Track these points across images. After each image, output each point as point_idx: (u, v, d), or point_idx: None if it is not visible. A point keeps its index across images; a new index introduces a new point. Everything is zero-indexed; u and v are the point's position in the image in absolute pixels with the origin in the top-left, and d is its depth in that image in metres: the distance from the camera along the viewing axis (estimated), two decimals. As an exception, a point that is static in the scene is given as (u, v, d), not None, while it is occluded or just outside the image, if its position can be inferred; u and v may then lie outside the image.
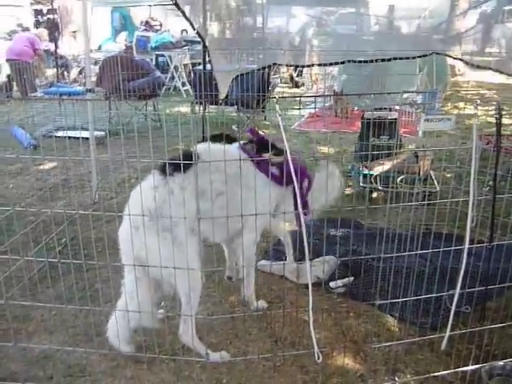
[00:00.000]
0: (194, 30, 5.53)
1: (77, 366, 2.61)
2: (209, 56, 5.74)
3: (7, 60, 10.16)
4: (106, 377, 2.53)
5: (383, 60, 5.03)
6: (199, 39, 5.88)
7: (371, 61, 5.15)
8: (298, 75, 11.75)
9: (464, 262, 2.21)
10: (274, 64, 5.76)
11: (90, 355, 2.62)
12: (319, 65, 6.49)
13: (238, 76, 5.74)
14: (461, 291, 2.25)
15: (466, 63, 4.75)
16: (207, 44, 5.70)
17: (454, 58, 5.08)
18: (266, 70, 6.94)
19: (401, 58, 5.04)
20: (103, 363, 2.61)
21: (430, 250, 2.48)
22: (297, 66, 9.05)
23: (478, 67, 4.74)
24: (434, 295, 2.65)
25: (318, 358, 2.22)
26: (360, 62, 5.19)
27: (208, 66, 5.97)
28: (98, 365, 2.61)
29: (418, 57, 5.54)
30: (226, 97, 5.85)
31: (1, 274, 2.54)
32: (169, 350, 2.54)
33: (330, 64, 6.11)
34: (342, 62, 5.46)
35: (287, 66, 7.44)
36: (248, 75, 5.98)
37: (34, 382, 2.35)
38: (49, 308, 2.91)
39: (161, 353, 2.51)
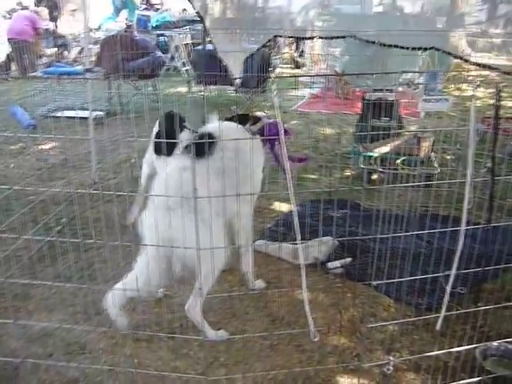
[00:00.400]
0: (195, 9, 5.47)
1: (76, 343, 2.64)
2: (209, 36, 5.67)
3: (8, 39, 10.05)
4: (105, 354, 2.56)
5: (384, 45, 4.99)
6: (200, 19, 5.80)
7: (373, 42, 5.11)
8: (299, 56, 11.63)
9: (460, 243, 2.22)
10: (275, 37, 5.72)
11: (89, 333, 2.66)
12: (320, 37, 6.41)
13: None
14: (456, 272, 2.26)
15: (466, 61, 4.71)
16: (207, 24, 5.64)
17: (455, 57, 5.03)
18: (267, 49, 6.89)
19: (401, 47, 4.99)
20: (102, 341, 2.65)
21: (427, 231, 2.48)
22: (297, 39, 8.91)
23: (478, 65, 4.70)
24: (430, 276, 2.66)
25: (314, 337, 2.25)
26: (361, 40, 5.14)
27: (208, 46, 5.90)
28: (97, 342, 2.64)
29: (419, 49, 5.47)
30: (226, 76, 5.82)
31: (0, 254, 2.56)
32: (167, 328, 2.57)
33: (332, 38, 6.05)
34: (343, 37, 5.41)
35: (287, 37, 7.36)
36: (248, 56, 5.92)
37: (34, 359, 2.39)
38: (48, 286, 2.94)
39: (159, 331, 2.54)
